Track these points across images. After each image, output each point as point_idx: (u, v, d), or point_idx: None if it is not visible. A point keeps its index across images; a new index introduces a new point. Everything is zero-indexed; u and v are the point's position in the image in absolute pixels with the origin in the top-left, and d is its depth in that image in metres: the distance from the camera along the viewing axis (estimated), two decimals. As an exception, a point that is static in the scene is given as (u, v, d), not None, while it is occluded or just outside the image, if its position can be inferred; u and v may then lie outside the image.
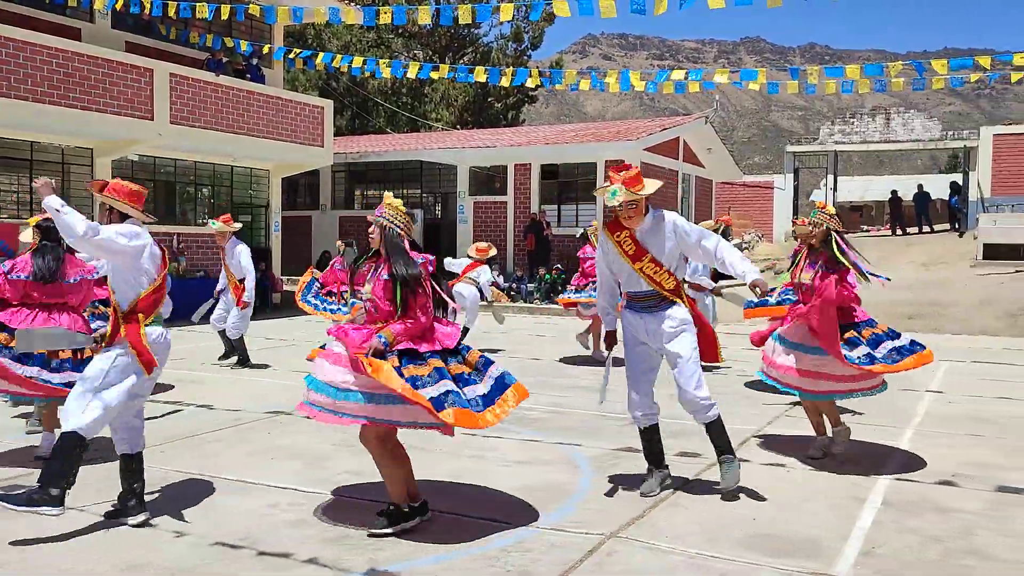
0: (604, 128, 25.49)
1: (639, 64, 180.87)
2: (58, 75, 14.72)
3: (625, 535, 4.37)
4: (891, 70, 10.36)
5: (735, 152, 30.59)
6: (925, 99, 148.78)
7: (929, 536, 4.40)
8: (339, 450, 6.12)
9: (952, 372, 10.49)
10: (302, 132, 19.82)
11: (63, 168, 16.37)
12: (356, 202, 25.89)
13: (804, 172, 33.80)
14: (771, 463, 5.86)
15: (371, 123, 35.74)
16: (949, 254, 23.80)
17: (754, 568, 3.94)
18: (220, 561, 3.97)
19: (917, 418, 7.53)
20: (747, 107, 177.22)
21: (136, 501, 4.55)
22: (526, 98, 40.16)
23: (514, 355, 11.48)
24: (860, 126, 30.56)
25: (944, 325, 15.66)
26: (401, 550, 4.13)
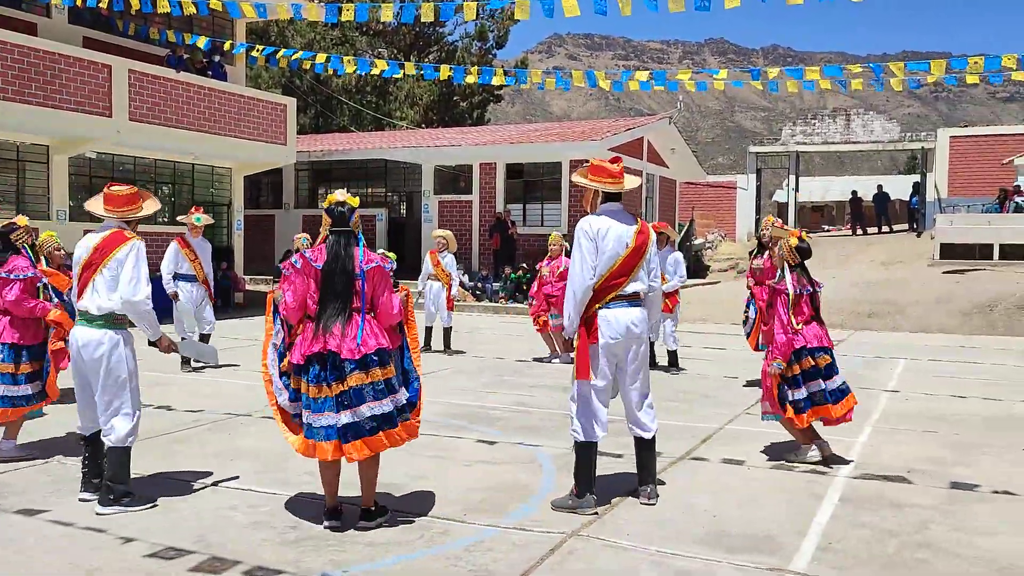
0: (569, 128, 25.57)
1: (604, 64, 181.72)
2: (13, 71, 14.42)
3: (586, 533, 4.39)
4: (849, 72, 10.54)
5: (699, 152, 30.83)
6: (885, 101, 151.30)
7: (885, 531, 4.48)
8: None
9: (908, 370, 10.67)
10: (265, 130, 19.63)
11: (18, 166, 16.05)
12: (320, 201, 25.70)
13: (767, 172, 34.20)
14: (730, 460, 5.92)
15: (335, 121, 35.49)
16: (907, 254, 24.23)
17: (713, 565, 3.98)
18: (176, 564, 3.92)
19: (874, 415, 7.65)
20: (711, 108, 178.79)
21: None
22: (491, 97, 40.14)
23: (478, 355, 11.47)
24: (821, 127, 30.99)
25: (902, 323, 15.94)
26: (362, 551, 4.11)
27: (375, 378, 4.34)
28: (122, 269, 4.72)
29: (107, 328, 4.78)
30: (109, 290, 4.74)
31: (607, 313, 4.75)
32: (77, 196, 17.17)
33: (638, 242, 4.80)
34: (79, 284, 4.85)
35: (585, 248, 4.74)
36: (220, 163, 19.81)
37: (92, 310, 4.77)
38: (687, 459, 5.97)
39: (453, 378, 9.55)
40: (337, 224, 4.55)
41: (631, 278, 4.80)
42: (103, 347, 4.75)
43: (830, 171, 71.24)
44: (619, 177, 4.87)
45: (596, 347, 4.75)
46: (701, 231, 30.74)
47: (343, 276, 4.42)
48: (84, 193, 17.44)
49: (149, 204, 5.06)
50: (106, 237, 4.81)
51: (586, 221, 4.82)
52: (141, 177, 18.79)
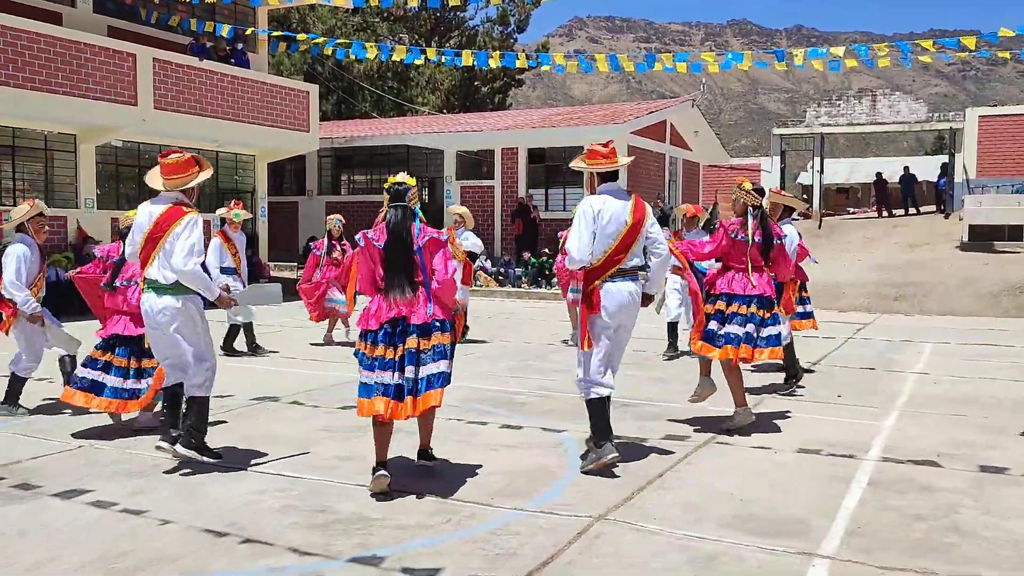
0: (591, 111, 25.45)
1: (625, 47, 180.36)
2: (40, 60, 14.56)
3: (613, 517, 4.40)
4: (877, 51, 10.37)
5: (722, 135, 30.59)
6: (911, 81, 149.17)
7: (913, 515, 4.45)
8: (326, 436, 6.13)
9: (936, 353, 10.57)
10: (288, 117, 19.71)
11: (46, 155, 16.22)
12: (343, 187, 25.79)
13: (791, 154, 33.83)
14: (757, 445, 5.90)
15: (357, 108, 35.53)
16: (934, 236, 23.92)
17: (741, 549, 3.97)
18: (206, 548, 3.97)
19: (902, 399, 7.59)
20: (734, 90, 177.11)
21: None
22: (513, 82, 40.02)
23: (502, 340, 11.49)
24: (846, 108, 30.59)
25: (929, 306, 15.77)
26: (390, 534, 4.15)
27: (435, 342, 4.72)
28: (176, 242, 5.09)
29: (174, 295, 5.16)
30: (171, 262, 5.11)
31: (609, 287, 5.14)
32: (104, 185, 17.35)
33: (635, 218, 5.16)
34: (142, 255, 5.23)
35: (584, 226, 5.11)
36: (244, 150, 19.92)
37: (160, 280, 5.16)
38: (712, 443, 5.96)
39: (476, 363, 9.58)
40: (394, 200, 4.92)
41: (631, 253, 5.19)
42: (171, 312, 5.16)
43: (855, 153, 70.48)
44: (612, 156, 5.30)
45: (596, 318, 5.14)
46: (725, 214, 30.53)
47: (402, 248, 4.78)
48: (111, 181, 17.63)
49: (205, 171, 5.36)
50: (165, 211, 5.17)
51: (586, 201, 5.20)
52: (166, 165, 18.91)
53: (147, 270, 5.21)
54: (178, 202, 5.24)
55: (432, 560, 3.82)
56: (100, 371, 6.14)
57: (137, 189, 18.47)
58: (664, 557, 3.88)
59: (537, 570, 3.72)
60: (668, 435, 6.15)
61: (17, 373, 6.86)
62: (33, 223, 6.78)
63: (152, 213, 5.21)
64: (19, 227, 6.75)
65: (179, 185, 5.26)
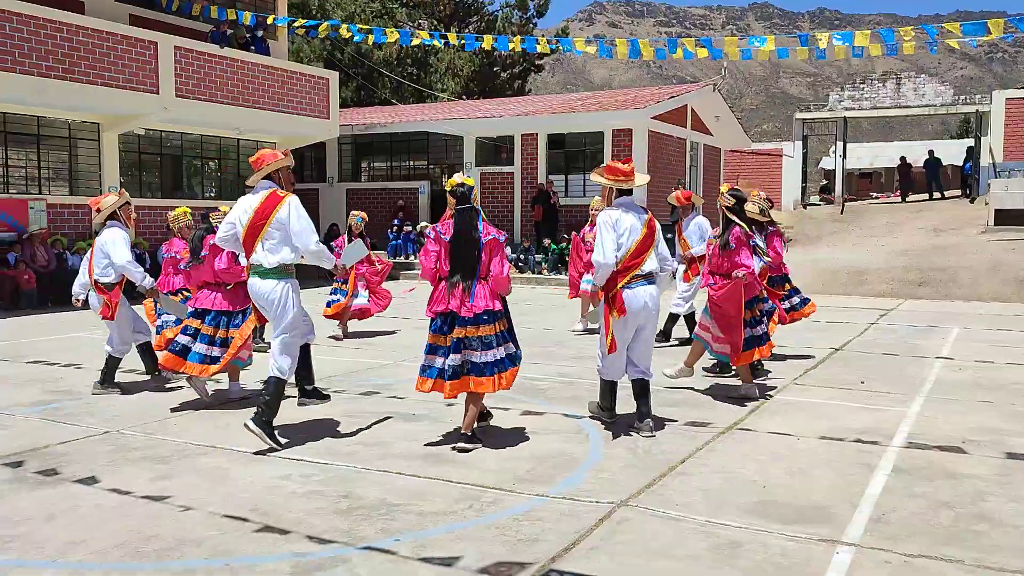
0: (611, 96, 25.29)
1: (646, 31, 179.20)
2: (63, 49, 14.66)
3: (635, 503, 4.39)
4: (902, 35, 10.22)
5: (743, 119, 30.33)
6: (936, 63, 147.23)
7: (940, 502, 4.41)
8: (350, 422, 6.15)
9: (962, 339, 10.45)
10: (308, 104, 19.74)
11: (70, 143, 16.35)
12: (363, 174, 25.83)
13: (813, 139, 33.50)
14: (780, 431, 5.87)
15: (376, 94, 35.53)
16: (960, 220, 23.64)
17: (764, 535, 3.95)
18: (231, 533, 4.01)
19: (927, 385, 7.51)
20: (755, 74, 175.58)
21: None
22: (532, 67, 39.85)
23: (523, 326, 11.48)
24: (870, 92, 30.24)
25: (954, 291, 15.60)
26: (413, 520, 4.16)
27: (484, 333, 5.27)
28: (288, 227, 5.43)
29: (278, 278, 5.50)
30: (279, 246, 5.46)
31: (629, 292, 5.67)
32: (127, 173, 17.48)
33: (649, 227, 5.77)
34: (245, 241, 5.53)
35: (607, 236, 5.66)
36: (264, 137, 19.98)
37: (265, 264, 5.49)
38: (735, 429, 5.93)
39: (498, 349, 9.56)
40: (461, 202, 5.45)
41: (647, 258, 5.73)
42: (276, 293, 5.51)
43: (879, 137, 69.70)
44: (630, 175, 5.80)
45: (620, 320, 5.67)
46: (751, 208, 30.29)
47: (468, 245, 5.35)
48: (133, 170, 17.75)
49: (286, 159, 5.67)
50: (264, 200, 5.48)
51: (606, 213, 5.78)
52: (188, 153, 19.05)
53: (251, 256, 5.53)
54: (273, 189, 5.54)
55: (455, 546, 3.83)
56: (190, 337, 6.60)
57: (160, 177, 18.60)
58: (687, 543, 3.87)
59: (559, 556, 3.72)
60: (690, 422, 6.13)
61: (113, 354, 7.28)
62: (123, 211, 7.23)
63: (251, 203, 5.51)
64: (110, 215, 7.17)
65: (262, 174, 5.58)
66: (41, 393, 7.19)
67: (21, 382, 7.68)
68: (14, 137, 15.48)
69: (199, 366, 6.50)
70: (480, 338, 5.26)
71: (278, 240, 5.46)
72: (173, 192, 18.72)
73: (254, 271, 5.56)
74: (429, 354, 5.39)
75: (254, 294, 5.61)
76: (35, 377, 7.93)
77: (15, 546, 3.85)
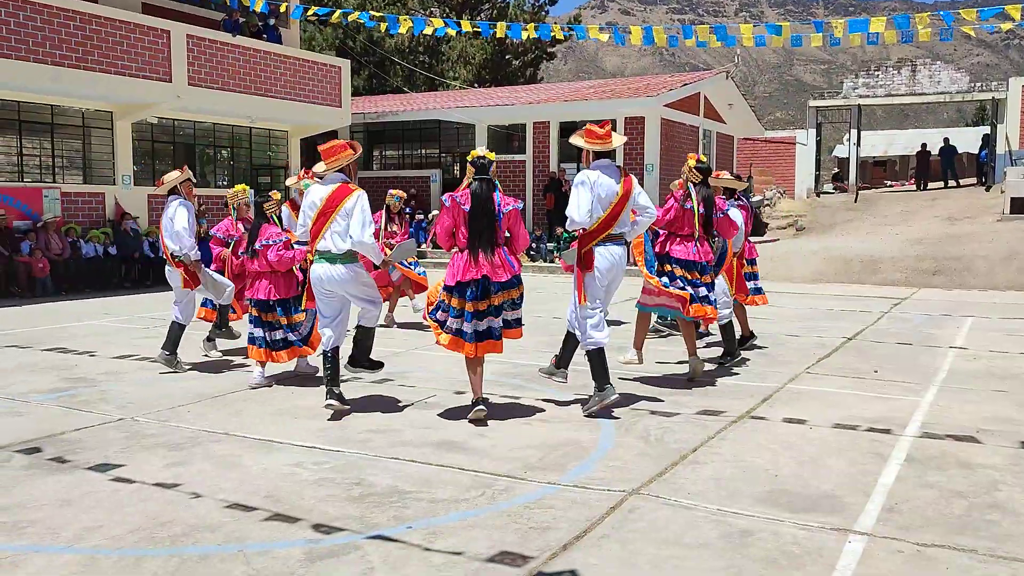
0: (624, 84, 25.19)
1: (658, 18, 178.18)
2: (76, 38, 14.71)
3: (646, 492, 4.39)
4: (918, 22, 10.11)
5: (756, 107, 30.14)
6: (952, 50, 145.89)
7: (953, 491, 4.39)
8: (360, 409, 6.18)
9: (976, 328, 10.39)
10: (320, 92, 19.75)
11: (84, 132, 16.42)
12: (375, 162, 25.83)
13: (827, 127, 33.27)
14: (791, 419, 5.85)
15: (389, 83, 35.47)
16: (975, 209, 23.45)
17: (776, 524, 3.95)
18: (244, 519, 4.03)
19: (941, 374, 7.48)
20: (769, 61, 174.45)
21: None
22: (544, 55, 39.67)
23: (535, 314, 11.48)
24: (885, 79, 29.98)
25: (969, 280, 15.50)
26: (425, 507, 4.18)
27: (512, 296, 5.69)
28: (351, 217, 5.75)
29: (345, 263, 5.84)
30: (344, 234, 5.79)
31: (601, 250, 5.96)
32: (140, 161, 17.54)
33: (624, 190, 5.98)
34: (314, 228, 5.86)
35: (583, 193, 5.90)
36: (277, 126, 20.02)
37: (332, 250, 5.83)
38: (747, 418, 5.92)
39: (510, 338, 9.57)
40: (479, 173, 5.66)
41: (619, 221, 5.99)
42: (344, 277, 5.86)
43: (893, 124, 69.18)
44: (607, 138, 6.05)
45: (591, 276, 5.97)
46: (759, 188, 30.17)
47: (487, 216, 5.58)
48: (146, 158, 17.81)
49: (356, 152, 5.99)
50: (335, 190, 5.83)
51: (584, 173, 5.99)
52: (201, 141, 19.10)
53: (319, 243, 5.85)
54: (344, 181, 5.88)
55: (467, 533, 3.84)
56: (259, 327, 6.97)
57: (173, 165, 18.66)
58: (698, 532, 3.87)
59: (571, 544, 3.73)
60: (702, 410, 6.12)
61: (179, 321, 7.67)
62: (184, 186, 7.57)
63: (323, 193, 5.83)
64: (172, 190, 7.54)
65: (335, 166, 5.88)
66: (56, 380, 7.24)
67: (37, 369, 7.75)
68: (28, 126, 15.56)
69: (286, 353, 6.99)
70: (512, 300, 5.69)
71: (345, 228, 5.77)
72: (186, 180, 18.79)
73: (322, 257, 5.86)
74: (458, 318, 5.62)
75: (322, 280, 5.88)
76: (50, 364, 7.99)
77: (32, 531, 3.89)
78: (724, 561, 3.56)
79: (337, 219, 5.77)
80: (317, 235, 5.84)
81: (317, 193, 5.87)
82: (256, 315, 7.00)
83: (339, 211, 5.76)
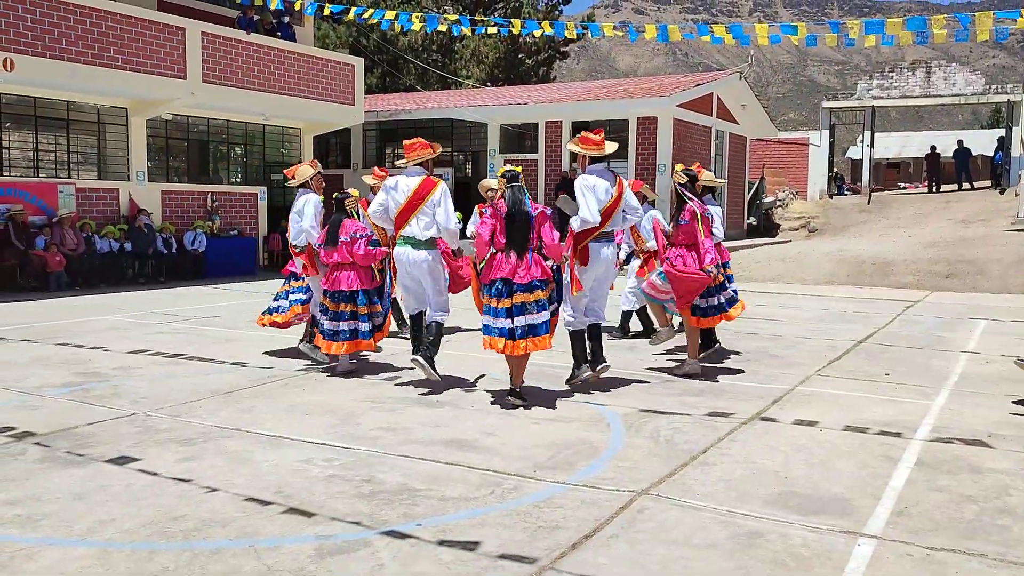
0: (636, 84, 25.15)
1: (671, 18, 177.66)
2: (92, 34, 14.80)
3: (656, 492, 4.40)
4: (935, 24, 10.06)
5: (770, 108, 30.02)
6: (968, 52, 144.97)
7: (963, 496, 4.38)
8: (371, 407, 6.21)
9: (989, 332, 10.34)
10: (333, 90, 19.79)
11: (99, 127, 16.52)
12: (387, 161, 25.88)
13: (840, 128, 33.13)
14: (802, 422, 5.85)
15: (402, 81, 35.53)
16: (989, 212, 23.34)
17: (785, 526, 3.95)
18: (255, 514, 4.06)
19: (952, 378, 7.45)
20: (782, 62, 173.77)
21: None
22: (557, 54, 39.64)
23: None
24: (899, 80, 29.84)
25: (982, 284, 15.42)
26: (435, 505, 4.20)
27: (536, 297, 6.07)
28: (438, 208, 6.53)
29: (427, 248, 6.63)
30: (429, 222, 6.55)
31: (594, 245, 6.57)
32: (155, 157, 17.64)
33: (617, 192, 6.59)
34: (400, 217, 6.58)
35: (589, 197, 6.48)
36: (290, 123, 20.08)
37: (417, 236, 6.58)
38: (757, 420, 5.92)
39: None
40: (511, 182, 6.27)
41: (612, 220, 6.59)
42: (427, 261, 6.64)
43: (908, 126, 68.80)
44: (601, 145, 6.63)
45: (584, 269, 6.56)
46: (772, 189, 30.07)
47: (521, 218, 6.11)
48: (160, 154, 17.90)
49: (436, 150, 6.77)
50: (420, 183, 6.56)
51: (582, 178, 6.57)
52: (214, 138, 19.18)
53: (404, 229, 6.58)
54: (427, 175, 6.63)
55: (475, 531, 3.86)
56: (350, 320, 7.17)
57: (186, 162, 18.75)
58: (707, 533, 3.88)
59: (579, 543, 3.74)
60: (712, 411, 6.12)
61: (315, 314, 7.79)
62: (315, 181, 7.81)
63: (409, 184, 6.57)
64: (302, 184, 7.76)
65: (415, 160, 6.64)
66: (70, 375, 7.30)
67: (51, 364, 7.81)
68: (44, 121, 15.67)
69: (366, 343, 7.24)
70: (536, 302, 6.05)
71: (430, 218, 6.55)
72: (200, 177, 18.86)
73: (406, 242, 6.62)
74: (490, 315, 6.14)
75: (406, 262, 6.64)
76: (64, 359, 8.06)
77: (46, 524, 3.93)
78: (733, 562, 3.57)
79: (424, 208, 6.53)
80: (404, 222, 6.56)
81: (404, 184, 6.57)
82: (333, 308, 7.18)
83: (426, 202, 6.52)
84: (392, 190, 6.66)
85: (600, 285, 6.78)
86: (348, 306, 7.18)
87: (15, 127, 15.48)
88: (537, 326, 6.07)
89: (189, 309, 11.99)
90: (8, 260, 14.22)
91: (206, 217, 17.87)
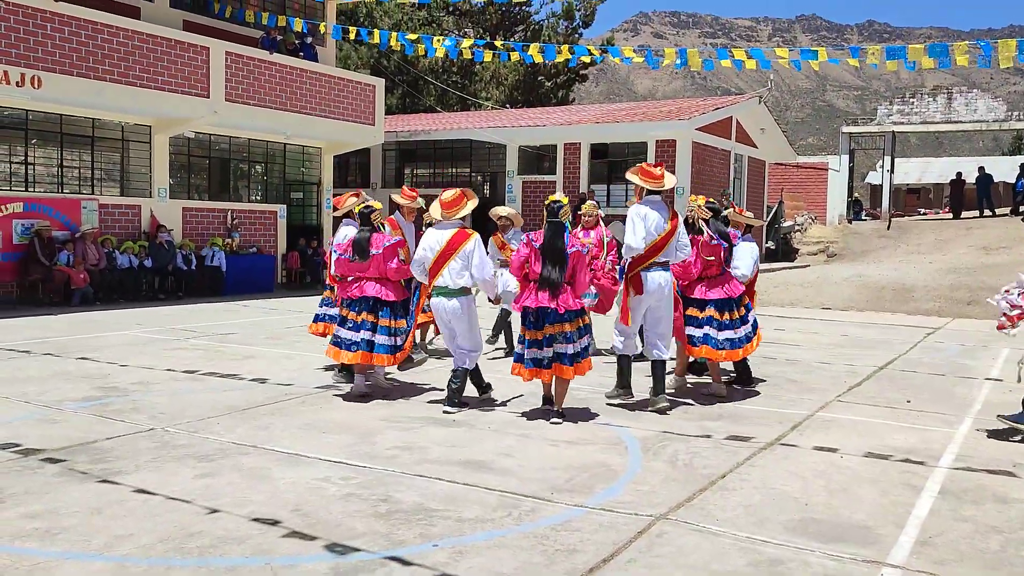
0: (655, 107, 25.21)
1: (691, 42, 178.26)
2: (118, 53, 15.01)
3: (674, 517, 4.35)
4: (957, 50, 10.04)
5: (789, 132, 29.98)
6: (989, 79, 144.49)
7: (989, 526, 4.31)
8: (387, 426, 6.19)
9: (1013, 360, 10.20)
10: (354, 110, 19.95)
11: (123, 144, 16.70)
12: (406, 181, 26.02)
13: (860, 153, 33.04)
14: (823, 448, 5.78)
15: (421, 102, 35.79)
16: (1011, 238, 23.14)
17: (806, 553, 3.89)
18: (271, 532, 4.05)
19: (976, 406, 7.36)
20: (801, 87, 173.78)
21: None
22: (576, 77, 39.87)
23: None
24: (920, 106, 29.75)
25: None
26: (452, 526, 4.17)
27: (566, 329, 6.27)
28: (472, 258, 6.65)
29: (459, 296, 6.70)
30: (462, 271, 6.66)
31: (646, 274, 6.68)
32: (176, 174, 17.81)
33: (672, 226, 6.70)
34: (433, 268, 6.69)
35: (637, 225, 6.62)
36: (311, 143, 20.22)
37: (450, 286, 6.67)
38: (777, 445, 5.86)
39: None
40: (551, 215, 6.43)
41: (665, 251, 6.72)
42: (460, 310, 6.70)
43: (927, 152, 68.50)
44: (660, 179, 6.72)
45: (638, 299, 6.70)
46: (790, 213, 29.97)
47: (555, 254, 6.30)
48: (182, 172, 18.08)
49: (472, 201, 6.90)
50: (453, 235, 6.68)
51: (636, 208, 6.71)
52: (235, 156, 19.35)
53: (437, 279, 6.68)
54: (461, 227, 6.76)
55: (493, 553, 3.83)
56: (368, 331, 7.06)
57: (208, 180, 18.91)
58: (726, 559, 3.83)
59: (597, 567, 3.70)
60: (732, 436, 6.06)
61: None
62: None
63: (441, 237, 6.69)
64: (346, 214, 7.83)
65: (455, 215, 6.75)
66: (89, 389, 7.34)
67: (71, 378, 7.86)
68: (69, 138, 15.86)
69: (388, 357, 7.08)
70: (565, 333, 6.24)
71: (460, 267, 6.65)
72: (220, 195, 19.02)
73: (439, 292, 6.72)
74: (525, 345, 6.36)
75: (441, 311, 6.75)
76: (84, 373, 8.10)
77: (63, 538, 3.93)
78: (753, 590, 3.51)
79: (456, 259, 6.64)
80: (436, 273, 6.67)
81: (434, 236, 6.71)
82: (353, 318, 7.07)
83: (458, 253, 6.64)
84: (428, 249, 6.75)
85: (656, 314, 6.80)
86: (369, 316, 7.06)
87: (40, 143, 15.68)
88: (564, 355, 6.26)
89: (207, 325, 12.05)
90: (33, 275, 14.35)
91: (226, 234, 17.99)
